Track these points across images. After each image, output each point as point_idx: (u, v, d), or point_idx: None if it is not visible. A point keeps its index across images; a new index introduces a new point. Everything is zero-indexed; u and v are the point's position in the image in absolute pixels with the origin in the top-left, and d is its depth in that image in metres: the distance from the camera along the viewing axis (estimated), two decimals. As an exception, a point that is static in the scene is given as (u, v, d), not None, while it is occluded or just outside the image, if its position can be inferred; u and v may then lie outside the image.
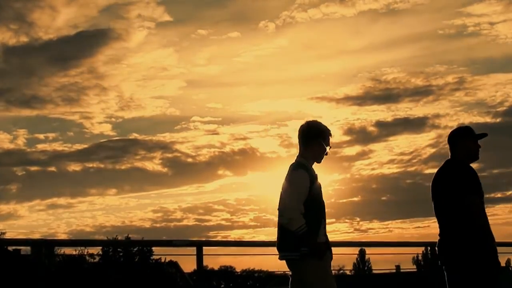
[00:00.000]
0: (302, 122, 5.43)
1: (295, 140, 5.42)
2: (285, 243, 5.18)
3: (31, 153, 65.57)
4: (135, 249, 41.27)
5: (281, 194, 5.23)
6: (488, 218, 5.33)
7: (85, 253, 37.02)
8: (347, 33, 69.71)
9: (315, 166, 5.36)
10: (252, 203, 70.38)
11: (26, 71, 66.79)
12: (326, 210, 5.31)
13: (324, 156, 5.39)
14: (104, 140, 67.81)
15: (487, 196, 5.45)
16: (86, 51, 68.96)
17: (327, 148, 5.35)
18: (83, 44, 61.65)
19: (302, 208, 5.08)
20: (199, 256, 7.47)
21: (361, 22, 63.76)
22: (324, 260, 5.14)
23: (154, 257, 40.03)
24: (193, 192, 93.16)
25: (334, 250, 5.32)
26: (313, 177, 5.23)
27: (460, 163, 5.35)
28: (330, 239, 5.32)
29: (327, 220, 5.35)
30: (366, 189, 79.63)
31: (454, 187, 5.21)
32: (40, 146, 66.50)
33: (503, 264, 8.90)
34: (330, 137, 5.37)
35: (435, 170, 5.55)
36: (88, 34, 60.45)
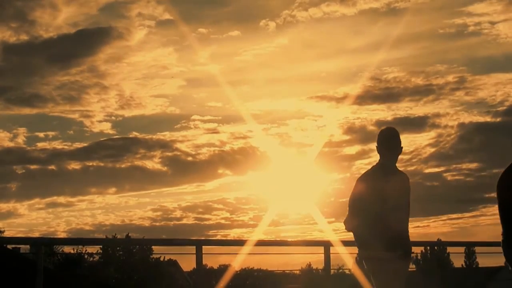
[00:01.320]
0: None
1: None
2: None
3: (31, 151, 65.40)
4: (135, 248, 41.20)
5: None
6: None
7: (85, 252, 36.98)
8: (347, 32, 69.63)
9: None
10: (251, 202, 70.35)
11: (26, 70, 66.57)
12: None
13: None
14: (104, 138, 67.60)
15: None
16: (86, 50, 68.69)
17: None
18: (83, 42, 61.43)
19: None
20: (199, 255, 7.46)
21: (361, 21, 63.69)
22: None
23: (154, 256, 40.00)
24: (193, 191, 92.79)
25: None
26: None
27: None
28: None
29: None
30: (366, 189, 79.14)
31: None
32: (40, 145, 66.25)
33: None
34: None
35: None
36: (89, 33, 60.29)
